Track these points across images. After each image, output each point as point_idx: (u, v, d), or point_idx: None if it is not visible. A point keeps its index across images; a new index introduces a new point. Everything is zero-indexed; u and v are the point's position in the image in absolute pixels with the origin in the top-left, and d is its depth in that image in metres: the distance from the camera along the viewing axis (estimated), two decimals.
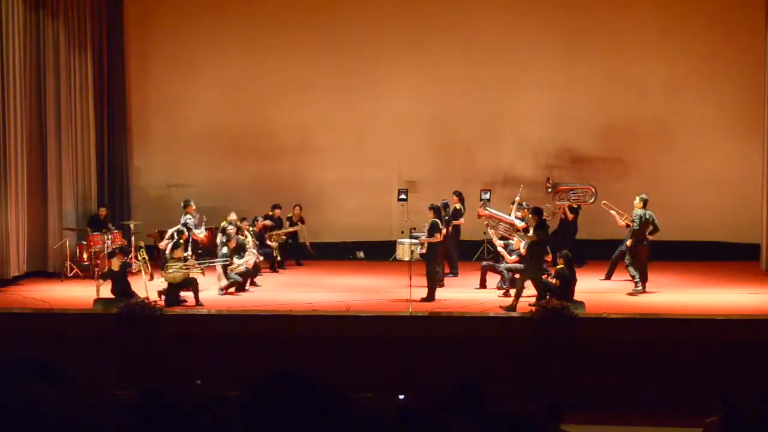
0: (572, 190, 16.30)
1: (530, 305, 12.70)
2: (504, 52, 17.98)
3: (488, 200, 16.96)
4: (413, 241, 14.33)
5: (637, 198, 14.49)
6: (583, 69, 17.81)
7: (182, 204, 16.37)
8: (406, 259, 14.21)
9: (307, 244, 17.25)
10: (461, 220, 15.93)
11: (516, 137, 18.18)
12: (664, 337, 11.96)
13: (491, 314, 12.79)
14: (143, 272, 14.80)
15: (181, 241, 14.40)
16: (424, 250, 14.05)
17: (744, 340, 11.79)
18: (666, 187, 17.43)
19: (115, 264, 13.66)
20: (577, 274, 13.27)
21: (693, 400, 10.59)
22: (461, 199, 16.05)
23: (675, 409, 11.13)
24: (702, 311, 12.72)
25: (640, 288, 14.06)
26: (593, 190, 16.21)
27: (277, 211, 17.12)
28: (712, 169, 17.45)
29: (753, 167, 16.61)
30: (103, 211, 17.03)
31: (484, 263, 14.93)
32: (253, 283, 15.05)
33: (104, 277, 13.69)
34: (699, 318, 12.31)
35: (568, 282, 12.85)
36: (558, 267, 13.18)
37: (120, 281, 13.58)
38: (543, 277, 13.47)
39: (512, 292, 13.46)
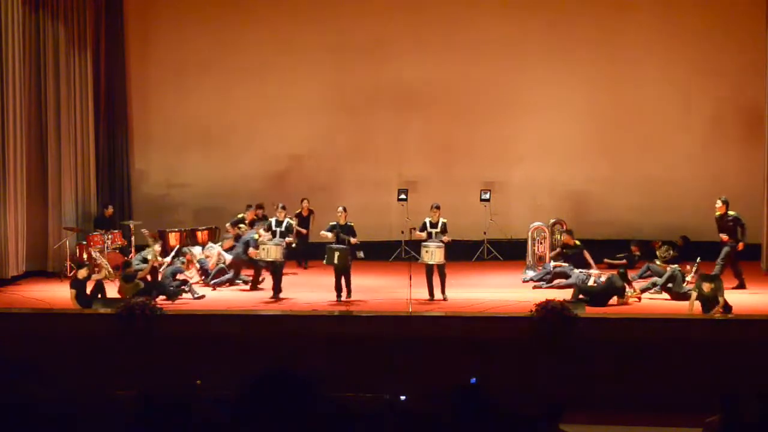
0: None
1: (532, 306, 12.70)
2: (505, 56, 17.98)
3: (488, 200, 16.92)
4: (437, 243, 13.78)
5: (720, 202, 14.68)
6: (583, 71, 17.81)
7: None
8: (432, 262, 13.70)
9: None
10: None
11: (516, 138, 18.16)
12: (664, 337, 11.96)
13: (491, 314, 12.78)
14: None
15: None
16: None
17: (744, 340, 11.79)
18: (666, 187, 17.43)
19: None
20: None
21: (693, 400, 10.58)
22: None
23: (675, 409, 11.12)
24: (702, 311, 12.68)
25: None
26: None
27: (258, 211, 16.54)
28: (713, 170, 17.42)
29: (753, 168, 16.60)
30: (110, 211, 16.99)
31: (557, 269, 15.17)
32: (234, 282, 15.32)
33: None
34: (699, 318, 12.32)
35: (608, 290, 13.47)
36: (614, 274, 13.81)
37: (151, 274, 14.58)
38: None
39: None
